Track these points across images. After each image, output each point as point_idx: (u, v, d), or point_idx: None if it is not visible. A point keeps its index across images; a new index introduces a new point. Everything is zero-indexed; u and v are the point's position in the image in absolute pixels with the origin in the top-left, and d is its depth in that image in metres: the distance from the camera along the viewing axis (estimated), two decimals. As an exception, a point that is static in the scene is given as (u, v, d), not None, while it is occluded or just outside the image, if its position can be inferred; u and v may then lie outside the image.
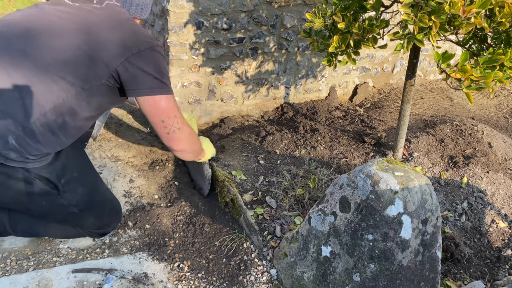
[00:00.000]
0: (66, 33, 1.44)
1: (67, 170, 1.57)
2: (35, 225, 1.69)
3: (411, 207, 1.30)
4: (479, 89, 1.55)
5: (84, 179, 1.65)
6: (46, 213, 1.61)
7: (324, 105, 3.12)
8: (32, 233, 1.72)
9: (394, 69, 3.57)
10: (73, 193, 1.59)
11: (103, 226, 1.74)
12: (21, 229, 1.68)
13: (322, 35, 1.99)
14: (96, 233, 1.75)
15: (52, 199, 1.55)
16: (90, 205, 1.66)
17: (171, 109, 1.56)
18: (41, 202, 1.54)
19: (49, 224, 1.70)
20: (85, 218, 1.67)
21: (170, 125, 1.57)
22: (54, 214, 1.62)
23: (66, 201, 1.58)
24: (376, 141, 2.56)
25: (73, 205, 1.60)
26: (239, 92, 2.86)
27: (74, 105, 1.46)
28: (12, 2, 4.93)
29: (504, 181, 2.23)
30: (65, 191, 1.56)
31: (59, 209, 1.59)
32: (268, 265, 1.71)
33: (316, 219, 1.49)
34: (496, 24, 1.57)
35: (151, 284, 1.61)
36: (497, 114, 3.40)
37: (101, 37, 1.45)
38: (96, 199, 1.69)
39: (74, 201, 1.60)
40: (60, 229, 1.72)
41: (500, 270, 1.79)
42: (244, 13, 2.55)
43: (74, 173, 1.60)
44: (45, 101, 1.40)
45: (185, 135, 1.63)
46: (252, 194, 2.05)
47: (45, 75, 1.40)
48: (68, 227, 1.71)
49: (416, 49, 2.06)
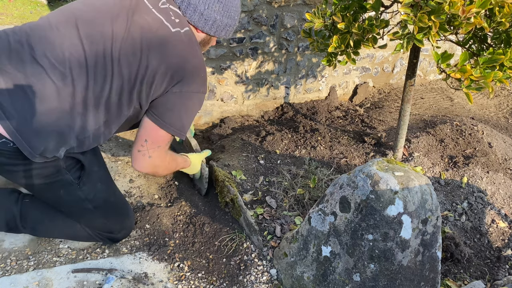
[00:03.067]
0: (129, 46, 1.44)
1: (91, 163, 1.59)
2: (46, 222, 1.69)
3: (411, 207, 1.30)
4: (479, 89, 1.55)
5: (102, 176, 1.65)
6: (61, 204, 1.61)
7: (324, 105, 3.12)
8: (40, 230, 1.71)
9: (394, 69, 3.57)
10: (92, 187, 1.60)
11: (113, 231, 1.72)
12: (30, 225, 1.69)
13: (322, 35, 1.99)
14: (105, 236, 1.73)
15: (70, 190, 1.56)
16: (105, 203, 1.66)
17: (160, 139, 1.57)
18: (59, 191, 1.55)
19: (59, 222, 1.70)
20: (97, 218, 1.67)
21: (146, 149, 1.56)
22: (69, 205, 1.62)
23: (83, 194, 1.58)
24: (376, 141, 2.56)
25: (89, 199, 1.60)
26: (239, 92, 2.86)
27: (117, 120, 1.51)
28: (12, 2, 4.93)
29: (504, 181, 2.23)
30: (85, 183, 1.58)
31: (75, 202, 1.60)
32: (268, 265, 1.71)
33: (316, 219, 1.49)
34: (496, 24, 1.57)
35: (151, 284, 1.61)
36: (497, 114, 3.40)
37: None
38: (112, 199, 1.69)
39: (91, 196, 1.60)
40: (69, 226, 1.71)
41: (500, 270, 1.79)
42: (244, 13, 2.55)
43: (95, 167, 1.61)
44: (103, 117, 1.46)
45: (149, 164, 1.59)
46: (252, 194, 2.05)
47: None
48: (78, 227, 1.70)
49: (416, 49, 2.06)
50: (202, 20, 1.56)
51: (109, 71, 1.41)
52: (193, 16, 1.55)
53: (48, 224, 1.70)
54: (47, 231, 1.73)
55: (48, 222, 1.70)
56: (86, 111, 1.42)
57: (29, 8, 4.89)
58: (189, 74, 1.49)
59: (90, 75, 1.39)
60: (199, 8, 1.54)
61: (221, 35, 1.64)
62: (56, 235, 1.75)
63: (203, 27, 1.58)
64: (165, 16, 1.48)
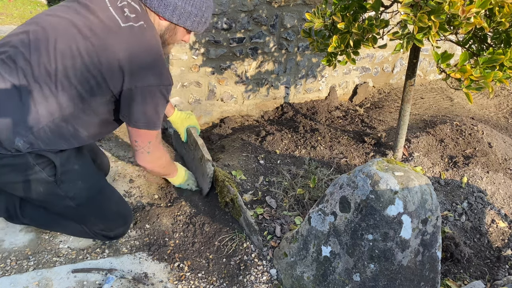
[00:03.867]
0: (79, 46, 1.45)
1: (70, 161, 1.60)
2: (44, 213, 1.71)
3: (411, 207, 1.30)
4: (479, 89, 1.55)
5: (86, 174, 1.66)
6: (43, 201, 1.62)
7: (324, 105, 3.12)
8: (39, 221, 1.72)
9: (394, 69, 3.57)
10: (72, 186, 1.60)
11: (107, 230, 1.73)
12: (29, 214, 1.70)
13: (321, 35, 1.99)
14: (101, 235, 1.74)
15: (49, 188, 1.57)
16: (89, 202, 1.66)
17: (145, 136, 1.60)
18: (39, 188, 1.56)
19: (55, 216, 1.71)
20: (85, 216, 1.68)
21: (141, 147, 1.62)
22: (51, 203, 1.63)
23: (63, 191, 1.59)
24: (376, 141, 2.56)
25: (69, 197, 1.61)
26: (239, 92, 2.86)
27: (81, 115, 1.52)
28: (12, 2, 4.93)
29: (504, 181, 2.23)
30: (63, 181, 1.58)
31: (55, 200, 1.61)
32: (268, 265, 1.71)
33: (316, 219, 1.49)
34: (496, 24, 1.56)
35: (151, 284, 1.61)
36: (497, 114, 3.40)
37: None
38: (99, 198, 1.69)
39: (71, 194, 1.61)
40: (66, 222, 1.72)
41: (500, 270, 1.79)
42: (244, 13, 2.55)
43: (76, 165, 1.62)
44: (54, 109, 1.46)
45: (152, 158, 1.69)
46: (252, 194, 2.05)
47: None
48: (74, 223, 1.72)
49: (416, 49, 2.06)
50: (162, 5, 1.53)
51: (52, 53, 1.42)
52: (153, 2, 1.53)
53: (47, 216, 1.71)
54: (46, 223, 1.74)
55: (46, 215, 1.71)
56: (33, 100, 1.43)
57: (29, 8, 4.89)
58: (140, 69, 1.47)
59: (34, 60, 1.42)
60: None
61: (187, 25, 1.60)
62: (54, 229, 1.76)
63: (164, 12, 1.55)
64: (119, 13, 1.49)
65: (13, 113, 1.42)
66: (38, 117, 1.44)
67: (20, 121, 1.43)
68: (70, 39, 1.43)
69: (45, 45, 1.42)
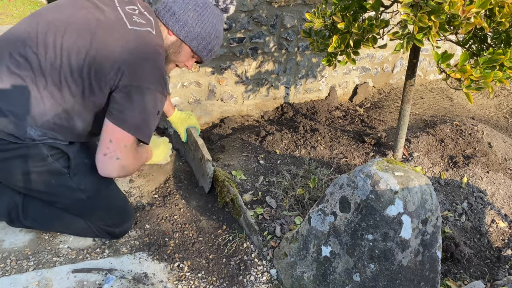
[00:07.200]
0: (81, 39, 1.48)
1: (81, 154, 1.62)
2: (47, 212, 1.70)
3: (411, 207, 1.30)
4: (479, 89, 1.55)
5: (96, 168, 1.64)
6: (53, 194, 1.62)
7: (324, 105, 3.12)
8: (42, 221, 1.72)
9: (394, 69, 3.57)
10: (83, 178, 1.61)
11: (112, 225, 1.73)
12: (32, 215, 1.70)
13: (322, 35, 1.99)
14: (105, 231, 1.74)
15: (61, 180, 1.58)
16: (99, 194, 1.66)
17: (125, 138, 1.51)
18: (51, 180, 1.57)
19: (60, 214, 1.71)
20: (94, 209, 1.68)
21: (112, 150, 1.50)
22: (61, 196, 1.63)
23: (75, 183, 1.60)
24: (376, 141, 2.56)
25: (81, 189, 1.61)
26: (239, 92, 2.86)
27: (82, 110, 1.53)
28: (12, 2, 4.93)
29: (504, 181, 2.23)
30: (76, 173, 1.60)
31: (66, 192, 1.61)
32: (268, 265, 1.71)
33: (316, 219, 1.49)
34: (496, 24, 1.57)
35: (151, 284, 1.61)
36: (497, 114, 3.40)
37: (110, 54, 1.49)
38: (105, 191, 1.70)
39: (83, 186, 1.61)
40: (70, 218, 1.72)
41: (500, 270, 1.79)
42: (244, 13, 2.55)
43: (86, 159, 1.63)
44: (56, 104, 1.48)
45: (119, 166, 1.53)
46: (252, 194, 2.05)
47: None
48: (78, 219, 1.71)
49: (416, 49, 2.06)
50: (173, 18, 1.60)
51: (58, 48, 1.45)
52: (166, 15, 1.61)
53: (50, 215, 1.71)
54: (48, 224, 1.73)
55: (49, 214, 1.71)
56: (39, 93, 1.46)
57: (29, 8, 4.89)
58: (136, 68, 1.48)
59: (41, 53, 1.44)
60: (173, 8, 1.61)
61: (192, 44, 1.65)
62: (57, 228, 1.75)
63: (173, 26, 1.60)
64: (127, 16, 1.53)
65: (21, 106, 1.45)
66: (45, 110, 1.47)
67: (29, 113, 1.46)
68: (76, 35, 1.46)
69: (52, 39, 1.45)
